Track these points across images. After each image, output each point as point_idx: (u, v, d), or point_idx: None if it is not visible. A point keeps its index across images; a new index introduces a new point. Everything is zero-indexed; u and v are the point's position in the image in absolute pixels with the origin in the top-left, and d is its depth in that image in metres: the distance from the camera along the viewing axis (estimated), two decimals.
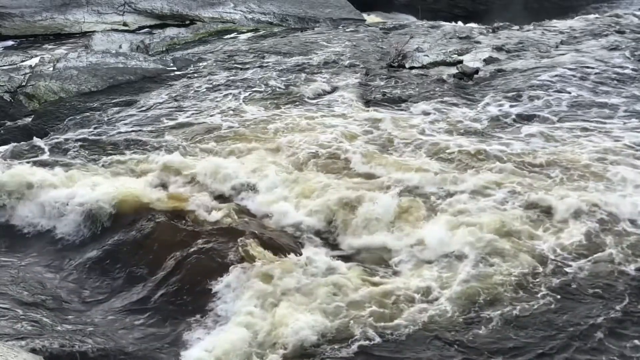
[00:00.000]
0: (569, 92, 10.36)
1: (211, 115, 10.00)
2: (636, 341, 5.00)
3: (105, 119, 10.27)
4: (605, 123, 9.07)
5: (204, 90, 11.40)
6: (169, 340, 5.44)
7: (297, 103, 10.45)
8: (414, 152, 8.34)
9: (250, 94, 10.97)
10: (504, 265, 5.90)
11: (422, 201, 7.05)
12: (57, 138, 9.34)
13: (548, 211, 6.72)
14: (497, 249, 6.11)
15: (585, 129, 8.88)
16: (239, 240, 6.37)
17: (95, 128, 9.80)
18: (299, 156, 8.24)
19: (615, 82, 10.81)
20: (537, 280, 5.71)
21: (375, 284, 5.82)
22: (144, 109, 10.66)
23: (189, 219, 6.92)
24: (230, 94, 11.07)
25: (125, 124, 9.92)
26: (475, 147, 8.36)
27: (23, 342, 5.03)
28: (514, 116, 9.53)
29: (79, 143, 9.07)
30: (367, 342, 5.12)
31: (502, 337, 5.14)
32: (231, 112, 10.13)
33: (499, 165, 7.83)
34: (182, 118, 10.03)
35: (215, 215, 6.96)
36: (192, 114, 10.19)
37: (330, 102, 10.44)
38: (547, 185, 7.28)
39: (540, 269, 5.84)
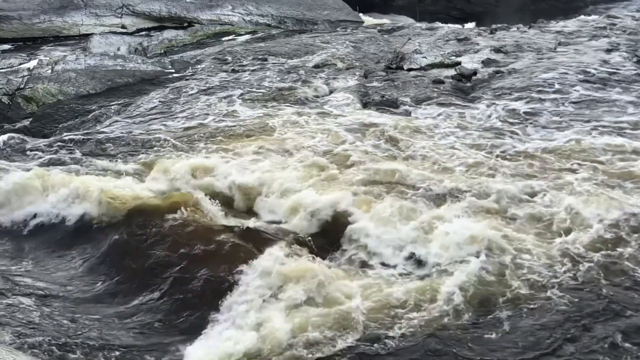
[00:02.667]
0: (572, 93, 10.29)
1: (210, 117, 9.98)
2: None
3: (104, 121, 10.27)
4: (616, 122, 8.98)
5: (203, 92, 11.40)
6: (178, 341, 5.39)
7: (297, 105, 10.45)
8: (421, 153, 8.27)
9: (248, 96, 10.97)
10: (524, 265, 5.81)
11: (439, 200, 6.99)
12: (56, 140, 9.34)
13: (572, 210, 6.60)
14: (519, 249, 6.03)
15: (595, 128, 8.77)
16: (254, 241, 6.35)
17: (93, 130, 9.80)
18: (308, 158, 8.18)
19: (618, 82, 10.76)
20: (556, 281, 5.62)
21: (391, 286, 5.74)
22: (142, 111, 10.65)
23: (203, 220, 6.83)
24: (229, 95, 11.07)
25: (124, 127, 9.91)
26: (485, 147, 8.33)
27: (21, 344, 5.01)
28: (517, 116, 9.49)
29: (78, 145, 9.06)
30: (375, 344, 5.07)
31: (515, 339, 5.08)
32: (230, 114, 10.12)
33: (515, 165, 7.76)
34: (180, 120, 10.02)
35: (232, 218, 6.92)
36: (192, 116, 10.18)
37: (330, 104, 10.44)
38: (570, 184, 7.15)
39: (559, 270, 5.75)
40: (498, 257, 5.91)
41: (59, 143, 9.22)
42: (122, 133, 9.58)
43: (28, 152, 8.99)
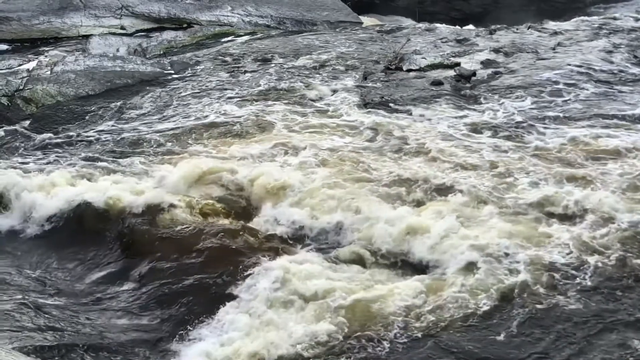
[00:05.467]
0: (577, 92, 10.22)
1: (210, 118, 9.99)
2: None
3: (104, 122, 10.26)
4: (630, 121, 8.92)
5: (202, 93, 11.40)
6: (184, 341, 5.36)
7: (297, 105, 10.44)
8: (433, 153, 8.24)
9: (248, 97, 10.97)
10: (546, 264, 5.80)
11: (463, 200, 6.98)
12: (55, 141, 9.34)
13: (600, 209, 6.55)
14: (543, 247, 6.02)
15: (608, 126, 8.69)
16: (266, 243, 6.36)
17: (93, 131, 9.79)
18: (319, 159, 8.15)
19: (622, 81, 10.71)
20: (580, 282, 5.59)
21: (409, 285, 5.74)
22: (142, 112, 10.65)
23: (212, 221, 6.81)
24: (228, 96, 11.07)
25: (124, 127, 9.91)
26: (496, 146, 8.32)
27: (21, 345, 4.99)
28: (523, 115, 9.44)
29: (78, 146, 9.07)
30: (386, 345, 5.03)
31: (521, 341, 5.06)
32: (231, 114, 10.12)
33: (536, 163, 7.72)
34: (180, 121, 10.02)
35: (242, 219, 6.89)
36: (191, 116, 10.18)
37: (331, 104, 10.43)
38: (595, 182, 7.10)
39: (585, 271, 5.73)
40: (522, 256, 5.88)
41: (59, 144, 9.22)
42: (122, 134, 9.59)
43: (28, 153, 8.98)
